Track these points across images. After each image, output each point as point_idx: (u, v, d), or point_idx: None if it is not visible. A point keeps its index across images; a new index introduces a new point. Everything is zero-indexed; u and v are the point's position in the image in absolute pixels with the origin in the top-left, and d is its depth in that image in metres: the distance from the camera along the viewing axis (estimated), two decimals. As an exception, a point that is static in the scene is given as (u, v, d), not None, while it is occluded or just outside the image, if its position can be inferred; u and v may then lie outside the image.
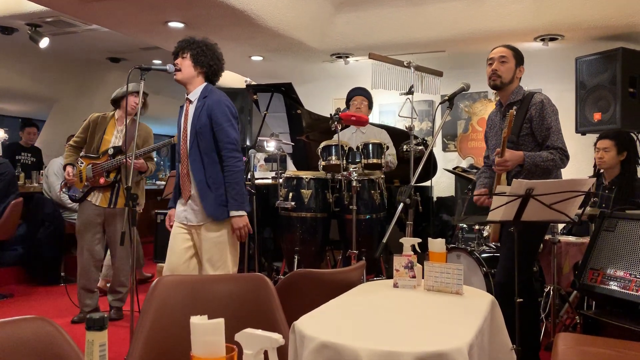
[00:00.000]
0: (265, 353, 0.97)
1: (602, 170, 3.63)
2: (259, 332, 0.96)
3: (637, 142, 3.67)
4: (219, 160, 2.82)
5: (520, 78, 2.90)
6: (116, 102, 3.90)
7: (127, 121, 3.51)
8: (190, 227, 2.88)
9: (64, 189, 3.97)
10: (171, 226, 2.97)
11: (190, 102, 2.89)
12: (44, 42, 5.60)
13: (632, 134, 3.67)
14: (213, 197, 2.79)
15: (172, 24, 4.51)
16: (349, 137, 4.30)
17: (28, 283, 5.20)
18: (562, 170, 2.86)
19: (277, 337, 0.94)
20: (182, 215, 2.90)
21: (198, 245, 2.87)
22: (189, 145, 2.84)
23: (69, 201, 4.72)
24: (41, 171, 6.05)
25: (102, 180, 3.74)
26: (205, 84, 2.91)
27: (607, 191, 3.54)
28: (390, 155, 4.15)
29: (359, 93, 4.29)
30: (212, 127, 2.80)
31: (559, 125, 2.76)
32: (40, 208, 5.23)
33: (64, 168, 3.86)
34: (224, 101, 2.84)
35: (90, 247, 3.82)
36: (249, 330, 0.97)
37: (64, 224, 5.24)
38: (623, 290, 2.47)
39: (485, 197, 2.92)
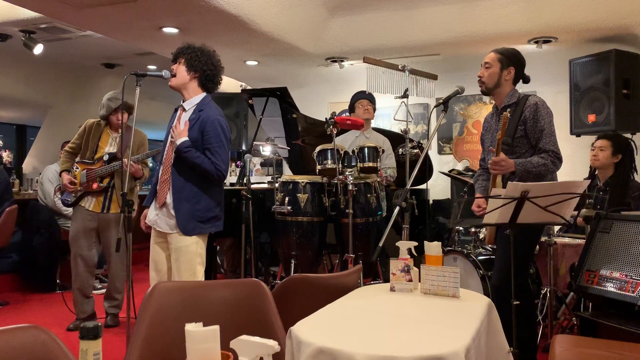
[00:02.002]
0: (261, 360, 0.96)
1: (597, 172, 3.64)
2: (254, 339, 0.95)
3: (635, 148, 3.69)
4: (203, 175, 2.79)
5: (514, 80, 2.89)
6: (107, 117, 3.90)
7: (122, 128, 3.50)
8: (160, 232, 2.86)
9: (57, 193, 3.97)
10: (147, 226, 2.94)
11: (185, 110, 2.86)
12: (38, 49, 5.59)
13: (630, 141, 3.69)
14: (188, 210, 2.75)
15: (167, 30, 4.50)
16: (352, 141, 4.29)
17: (23, 290, 5.17)
18: (557, 172, 2.86)
19: (273, 344, 0.94)
20: (154, 220, 2.88)
21: (170, 252, 2.85)
22: (174, 154, 2.79)
23: (65, 208, 4.70)
24: (37, 178, 6.03)
25: (95, 186, 3.74)
26: (204, 94, 2.86)
27: (601, 192, 3.55)
28: (390, 169, 4.15)
29: (365, 96, 4.27)
30: (203, 143, 2.76)
31: (553, 128, 2.77)
32: (35, 215, 5.21)
33: (60, 174, 3.86)
34: (220, 120, 2.79)
35: (83, 253, 3.81)
36: (244, 337, 0.96)
37: (59, 230, 5.21)
38: (619, 292, 2.47)
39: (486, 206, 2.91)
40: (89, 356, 0.86)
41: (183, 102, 2.88)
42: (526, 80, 2.92)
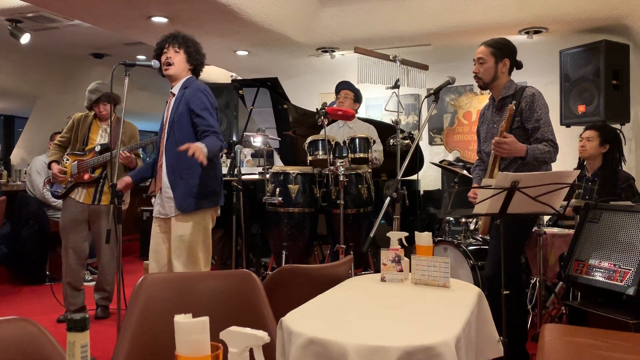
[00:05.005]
0: (251, 351, 0.96)
1: (585, 163, 3.67)
2: (244, 330, 0.95)
3: (622, 138, 3.71)
4: None
5: (509, 70, 2.89)
6: (90, 108, 3.86)
7: (112, 120, 3.47)
8: (162, 220, 2.84)
9: (47, 185, 3.93)
10: (123, 186, 2.87)
11: (174, 95, 2.88)
12: (25, 38, 5.51)
13: (618, 131, 3.71)
14: (184, 187, 2.73)
15: (156, 19, 4.45)
16: (336, 131, 4.29)
17: (12, 283, 5.14)
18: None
19: (263, 335, 0.93)
20: (156, 209, 2.87)
21: (170, 241, 2.81)
22: (166, 136, 2.80)
23: (54, 199, 4.66)
24: (25, 169, 5.97)
25: (86, 176, 3.71)
26: (190, 75, 2.91)
27: (589, 183, 3.57)
28: (376, 152, 4.15)
29: (343, 87, 4.29)
30: (190, 117, 2.76)
31: (549, 118, 2.77)
32: (24, 206, 5.16)
33: (49, 165, 3.82)
34: (202, 90, 2.80)
35: (75, 245, 3.78)
36: (233, 328, 0.96)
37: (48, 222, 5.17)
38: (607, 281, 2.50)
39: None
40: (76, 348, 0.85)
41: (172, 88, 2.89)
42: (519, 66, 2.92)
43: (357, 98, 4.32)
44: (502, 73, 2.84)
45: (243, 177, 4.08)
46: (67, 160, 3.77)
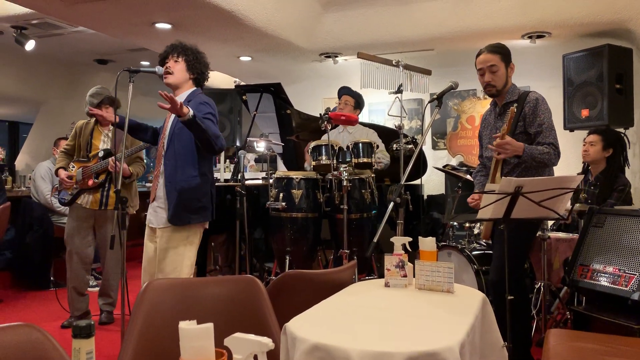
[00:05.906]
0: (255, 357, 0.96)
1: (589, 167, 3.66)
2: (249, 336, 0.95)
3: (626, 142, 3.70)
4: (196, 165, 2.75)
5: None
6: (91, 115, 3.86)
7: (114, 124, 3.48)
8: (152, 229, 2.84)
9: (54, 193, 3.95)
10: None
11: None
12: (30, 45, 5.54)
13: (622, 135, 3.70)
14: (177, 200, 2.70)
15: (159, 25, 4.47)
16: (336, 136, 4.28)
17: (17, 288, 5.15)
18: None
19: (267, 342, 0.93)
20: (148, 218, 2.87)
21: (157, 250, 2.78)
22: (165, 147, 2.78)
23: (58, 205, 4.68)
24: (29, 175, 5.99)
25: (90, 182, 3.72)
26: (195, 88, 2.88)
27: (592, 187, 3.57)
28: (380, 152, 4.15)
29: (343, 92, 4.30)
30: None
31: (552, 123, 2.77)
32: (28, 212, 5.18)
33: (56, 172, 3.82)
34: (205, 102, 2.77)
35: (80, 251, 3.79)
36: (238, 334, 0.96)
37: (52, 227, 5.19)
38: (612, 286, 2.49)
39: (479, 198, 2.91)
40: (81, 355, 0.86)
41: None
42: None
43: (358, 104, 4.32)
44: (509, 77, 2.87)
45: (246, 182, 4.09)
46: (73, 167, 3.79)
